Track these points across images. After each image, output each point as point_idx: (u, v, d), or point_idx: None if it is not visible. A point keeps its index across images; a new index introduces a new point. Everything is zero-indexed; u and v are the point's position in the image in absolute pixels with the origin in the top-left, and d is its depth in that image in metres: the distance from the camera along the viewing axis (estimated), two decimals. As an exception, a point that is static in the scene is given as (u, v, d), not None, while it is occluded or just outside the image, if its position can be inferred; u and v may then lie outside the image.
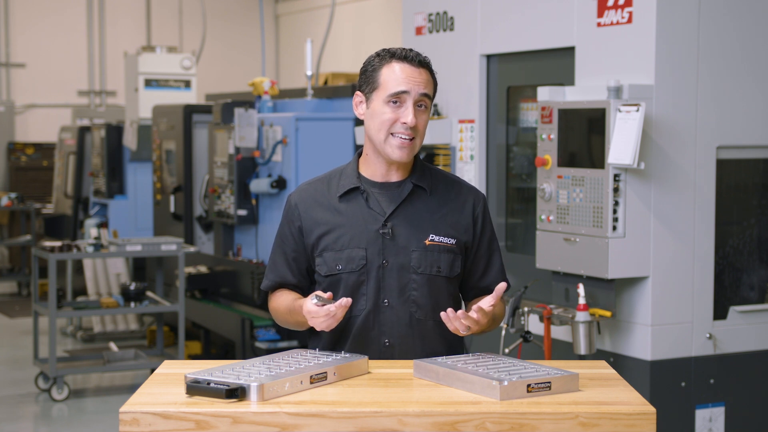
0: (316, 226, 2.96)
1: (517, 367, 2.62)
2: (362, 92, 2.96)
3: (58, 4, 14.68)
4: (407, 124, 2.86)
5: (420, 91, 2.88)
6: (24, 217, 12.14)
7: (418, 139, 2.91)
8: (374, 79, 2.91)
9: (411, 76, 2.88)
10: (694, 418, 4.82)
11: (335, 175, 3.03)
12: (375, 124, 2.90)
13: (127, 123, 10.08)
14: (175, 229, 8.79)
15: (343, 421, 2.37)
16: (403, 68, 2.89)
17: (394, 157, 2.90)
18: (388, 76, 2.89)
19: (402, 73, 2.88)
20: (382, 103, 2.89)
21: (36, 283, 7.89)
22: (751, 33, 4.92)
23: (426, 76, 2.91)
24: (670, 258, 4.76)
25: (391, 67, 2.90)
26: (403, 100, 2.88)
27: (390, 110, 2.88)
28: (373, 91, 2.91)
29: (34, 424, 7.01)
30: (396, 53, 2.91)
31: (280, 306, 3.01)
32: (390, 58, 2.91)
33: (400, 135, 2.88)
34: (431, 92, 2.93)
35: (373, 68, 2.92)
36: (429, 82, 2.92)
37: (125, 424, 2.38)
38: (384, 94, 2.88)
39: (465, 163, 5.83)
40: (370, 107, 2.92)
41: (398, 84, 2.87)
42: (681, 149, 4.76)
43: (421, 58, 2.92)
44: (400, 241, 2.92)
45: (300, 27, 15.36)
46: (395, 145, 2.89)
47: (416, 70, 2.89)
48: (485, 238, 3.03)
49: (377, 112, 2.90)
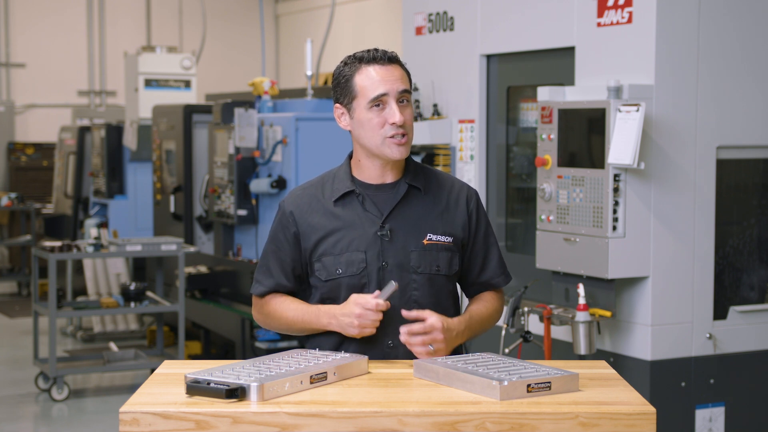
0: (313, 231, 2.96)
1: (517, 367, 2.62)
2: (341, 104, 2.96)
3: (58, 4, 14.69)
4: (396, 123, 2.87)
5: (398, 88, 2.89)
6: (24, 217, 12.14)
7: (410, 134, 2.92)
8: (350, 88, 2.91)
9: (385, 77, 2.89)
10: (694, 418, 4.82)
11: (328, 179, 3.03)
12: (366, 132, 2.91)
13: (127, 123, 10.08)
14: (175, 229, 8.79)
15: (343, 421, 2.37)
16: (376, 70, 2.89)
17: (394, 157, 2.90)
18: (363, 82, 2.89)
19: (376, 75, 2.89)
20: (365, 110, 2.89)
21: (36, 283, 7.89)
22: (751, 33, 4.92)
23: (399, 71, 2.92)
24: (670, 258, 4.76)
25: (363, 73, 2.90)
26: (385, 102, 2.88)
27: (375, 115, 2.89)
28: (353, 101, 2.92)
29: (34, 424, 7.01)
30: (363, 57, 2.92)
31: (285, 311, 2.98)
32: (359, 64, 2.91)
33: (395, 135, 2.88)
34: (408, 86, 2.93)
35: (345, 78, 2.92)
36: (403, 77, 2.93)
37: (125, 424, 2.38)
38: (364, 101, 2.89)
39: (465, 163, 5.83)
40: (354, 117, 2.93)
41: (376, 88, 2.88)
42: (681, 149, 4.76)
43: (389, 55, 2.93)
44: (398, 242, 2.92)
45: (300, 27, 15.37)
46: (392, 145, 2.89)
47: (388, 69, 2.90)
48: (480, 233, 3.03)
49: (364, 120, 2.90)
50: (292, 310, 2.97)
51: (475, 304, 3.05)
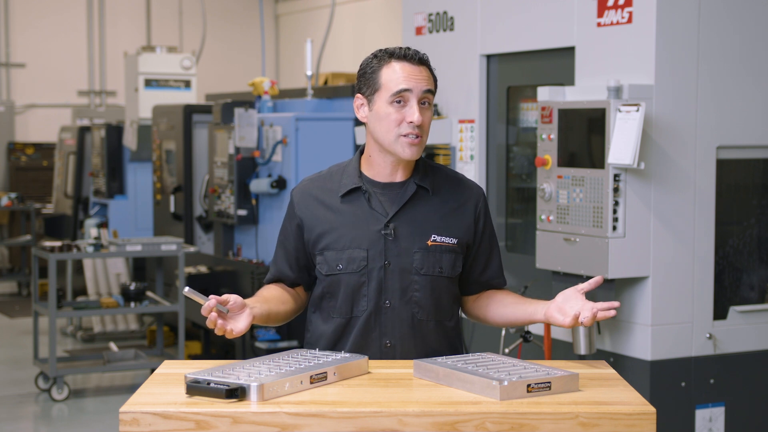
0: (317, 223, 2.96)
1: (517, 367, 2.62)
2: (363, 95, 2.94)
3: (58, 4, 14.68)
4: (414, 123, 2.85)
5: (422, 88, 2.88)
6: (24, 217, 12.15)
7: (424, 137, 2.91)
8: (375, 80, 2.90)
9: (412, 74, 2.88)
10: (694, 418, 4.82)
11: (337, 172, 3.02)
12: (382, 126, 2.89)
13: (127, 123, 10.09)
14: (175, 229, 8.79)
15: (343, 421, 2.37)
16: (404, 67, 2.88)
17: (405, 156, 2.89)
18: (389, 76, 2.88)
19: (403, 71, 2.88)
20: (386, 104, 2.88)
21: (36, 283, 7.89)
22: (751, 33, 4.92)
23: (426, 73, 2.91)
24: (670, 258, 4.76)
25: (391, 67, 2.89)
26: (406, 99, 2.87)
27: (395, 110, 2.87)
28: (375, 93, 2.90)
29: (34, 424, 7.01)
30: (394, 53, 2.91)
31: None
32: (389, 58, 2.90)
33: (409, 134, 2.87)
34: (433, 89, 2.93)
35: (372, 70, 2.91)
36: (430, 79, 2.92)
37: (125, 424, 2.38)
38: (387, 94, 2.87)
39: (465, 163, 5.83)
40: (373, 109, 2.91)
41: (400, 83, 2.86)
42: (681, 149, 4.76)
43: (420, 56, 2.92)
44: (402, 242, 2.91)
45: (300, 27, 15.37)
46: (405, 144, 2.88)
47: (416, 68, 2.89)
48: (486, 236, 3.03)
49: (382, 114, 2.89)
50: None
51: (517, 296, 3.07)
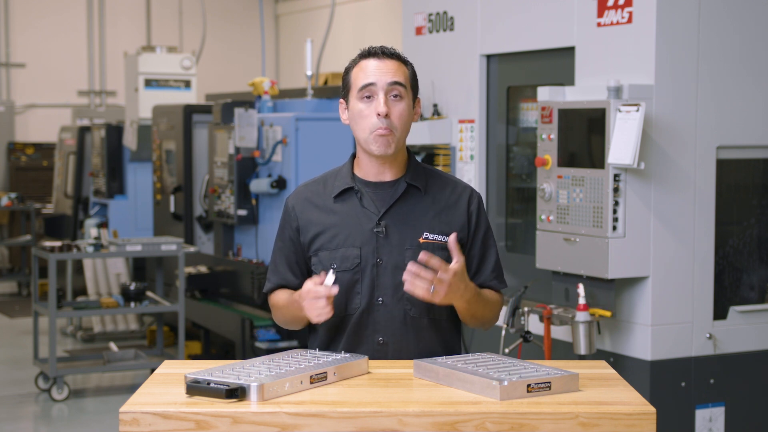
0: (312, 226, 2.98)
1: (517, 367, 2.62)
2: (344, 98, 3.00)
3: (58, 4, 14.68)
4: (380, 114, 2.86)
5: (387, 80, 2.89)
6: (24, 217, 12.14)
7: (396, 131, 2.90)
8: (347, 81, 2.96)
9: (377, 68, 2.90)
10: (694, 418, 4.83)
11: (331, 176, 3.05)
12: (357, 125, 2.92)
13: (127, 123, 10.08)
14: (175, 229, 8.79)
15: (343, 421, 2.37)
16: (369, 63, 2.92)
17: (376, 152, 2.90)
18: (356, 75, 2.93)
19: (368, 67, 2.91)
20: (357, 101, 2.92)
21: (36, 283, 7.89)
22: (751, 33, 4.92)
23: (394, 65, 2.92)
24: (670, 258, 4.76)
25: (359, 66, 2.94)
26: (373, 93, 2.89)
27: (365, 107, 2.90)
28: (348, 94, 2.95)
29: (34, 424, 7.01)
30: (363, 53, 2.96)
31: (279, 301, 3.03)
32: (359, 59, 2.96)
33: (378, 129, 2.88)
34: (403, 80, 2.92)
35: (346, 72, 2.97)
36: (398, 71, 2.92)
37: (125, 424, 2.38)
38: (355, 91, 2.92)
39: (465, 163, 5.83)
40: (349, 110, 2.95)
41: (365, 78, 2.90)
42: (681, 149, 4.76)
43: (386, 50, 2.94)
44: (394, 240, 2.92)
45: (300, 27, 15.36)
46: (373, 139, 2.89)
47: (382, 62, 2.91)
48: (479, 236, 3.02)
49: (356, 113, 2.92)
50: (283, 300, 3.01)
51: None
